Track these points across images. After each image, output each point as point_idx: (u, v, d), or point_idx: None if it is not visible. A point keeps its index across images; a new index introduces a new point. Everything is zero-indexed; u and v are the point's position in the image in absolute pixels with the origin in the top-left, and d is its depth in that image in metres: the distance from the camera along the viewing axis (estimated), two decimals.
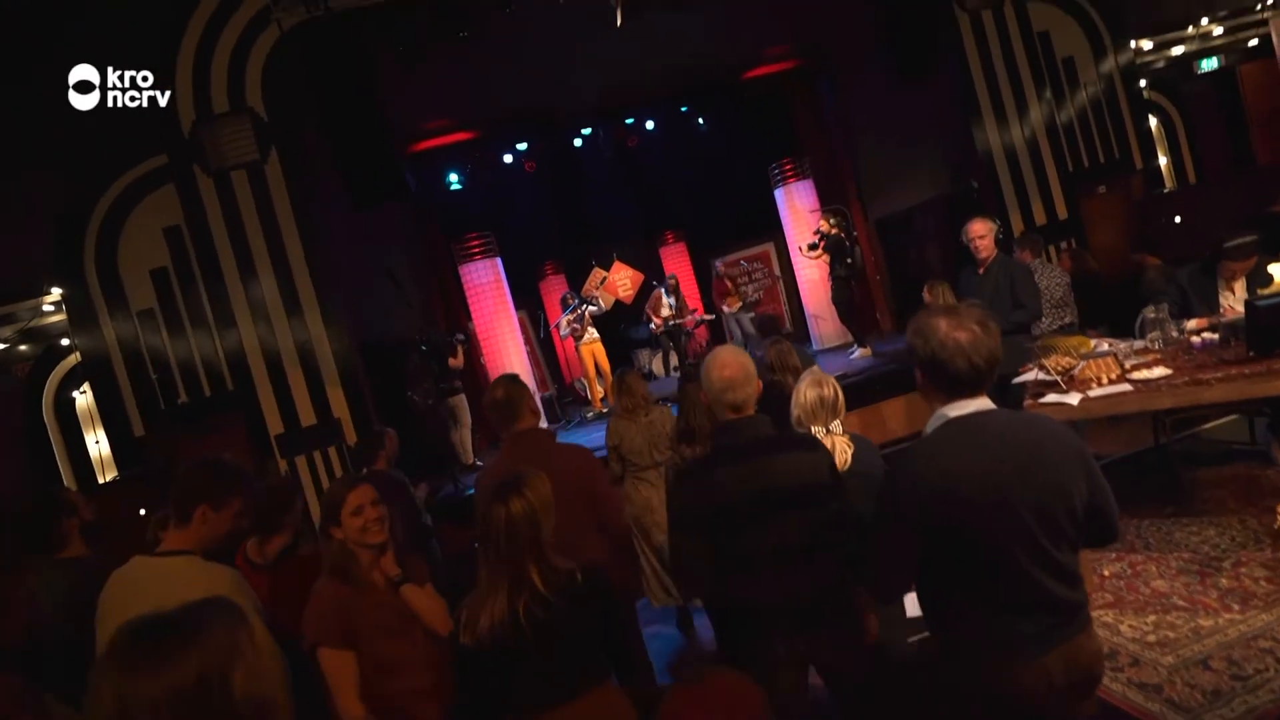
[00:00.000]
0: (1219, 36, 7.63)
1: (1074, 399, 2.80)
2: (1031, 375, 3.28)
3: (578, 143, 10.01)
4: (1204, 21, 7.49)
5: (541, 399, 8.56)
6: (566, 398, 9.48)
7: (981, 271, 4.21)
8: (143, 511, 5.50)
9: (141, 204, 5.92)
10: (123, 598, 1.84)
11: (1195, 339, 3.06)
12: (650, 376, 9.59)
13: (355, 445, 3.86)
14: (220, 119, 5.94)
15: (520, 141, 9.28)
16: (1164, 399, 2.71)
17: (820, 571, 1.71)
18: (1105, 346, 3.33)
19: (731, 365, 1.85)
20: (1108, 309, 5.45)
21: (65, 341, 6.04)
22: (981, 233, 4.21)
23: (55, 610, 2.30)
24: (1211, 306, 3.46)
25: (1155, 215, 6.91)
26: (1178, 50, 7.54)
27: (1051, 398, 2.84)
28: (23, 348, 6.09)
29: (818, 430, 2.22)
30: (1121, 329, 5.09)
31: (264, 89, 5.99)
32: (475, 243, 8.05)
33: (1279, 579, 2.66)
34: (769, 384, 2.92)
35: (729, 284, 8.41)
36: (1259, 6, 7.85)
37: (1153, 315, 3.27)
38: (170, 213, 5.94)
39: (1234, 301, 3.41)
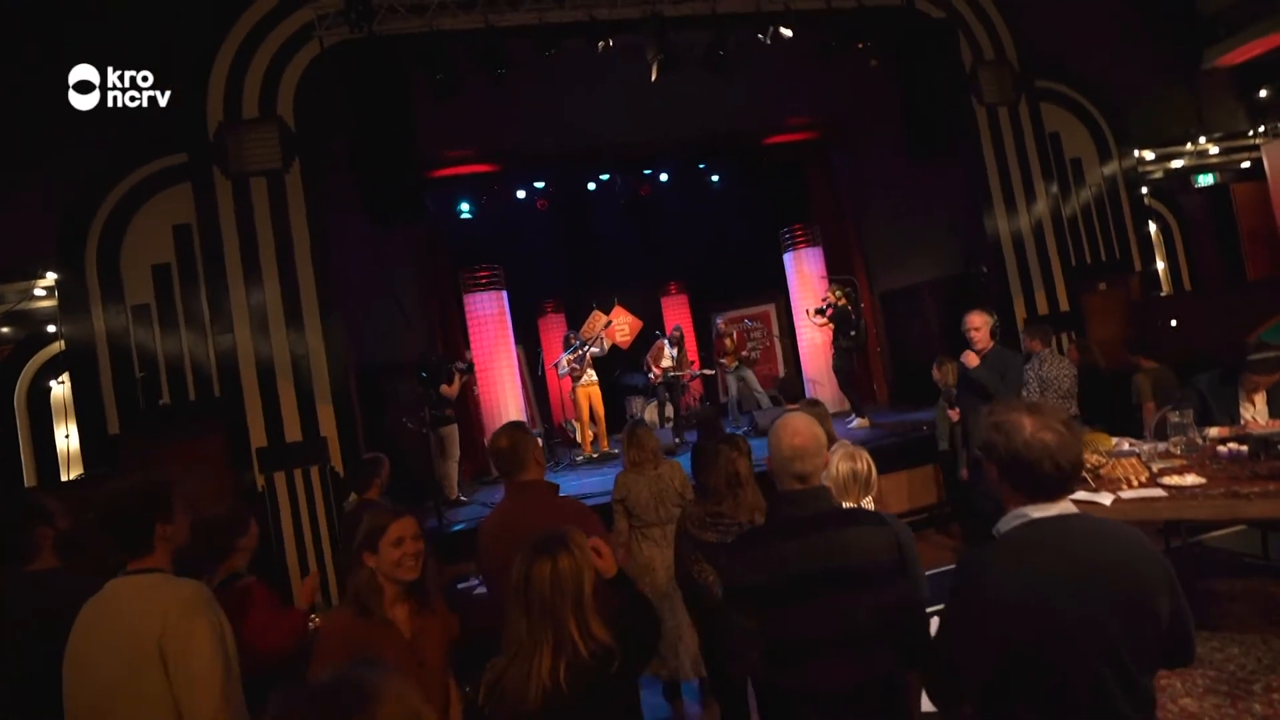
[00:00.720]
0: (1215, 155, 8.03)
1: (1106, 499, 2.77)
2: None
3: (591, 186, 10.16)
4: (1201, 140, 7.90)
5: None
6: (555, 438, 9.30)
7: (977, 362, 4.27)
8: None
9: (154, 198, 5.81)
10: (92, 620, 1.71)
11: (1221, 449, 3.06)
12: (638, 421, 9.47)
13: (351, 469, 3.70)
14: (247, 124, 5.92)
15: (538, 180, 9.38)
16: (1201, 509, 2.69)
17: (879, 658, 1.61)
18: (1127, 446, 3.33)
19: (804, 434, 1.77)
20: (1108, 405, 5.52)
21: (51, 328, 5.81)
22: (978, 324, 4.32)
23: (19, 629, 2.10)
24: (1232, 416, 3.49)
25: (1151, 317, 7.10)
26: (1177, 164, 7.91)
27: (1082, 495, 2.80)
28: (4, 329, 5.83)
29: (849, 506, 2.15)
30: (1118, 426, 5.16)
31: (296, 100, 6.00)
32: (483, 273, 8.01)
33: None
34: (706, 444, 2.87)
35: (728, 342, 8.42)
36: (1250, 133, 8.32)
37: (1176, 419, 3.28)
38: (182, 211, 5.83)
39: (1255, 414, 3.45)
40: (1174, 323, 6.97)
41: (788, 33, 6.37)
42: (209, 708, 1.60)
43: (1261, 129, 8.13)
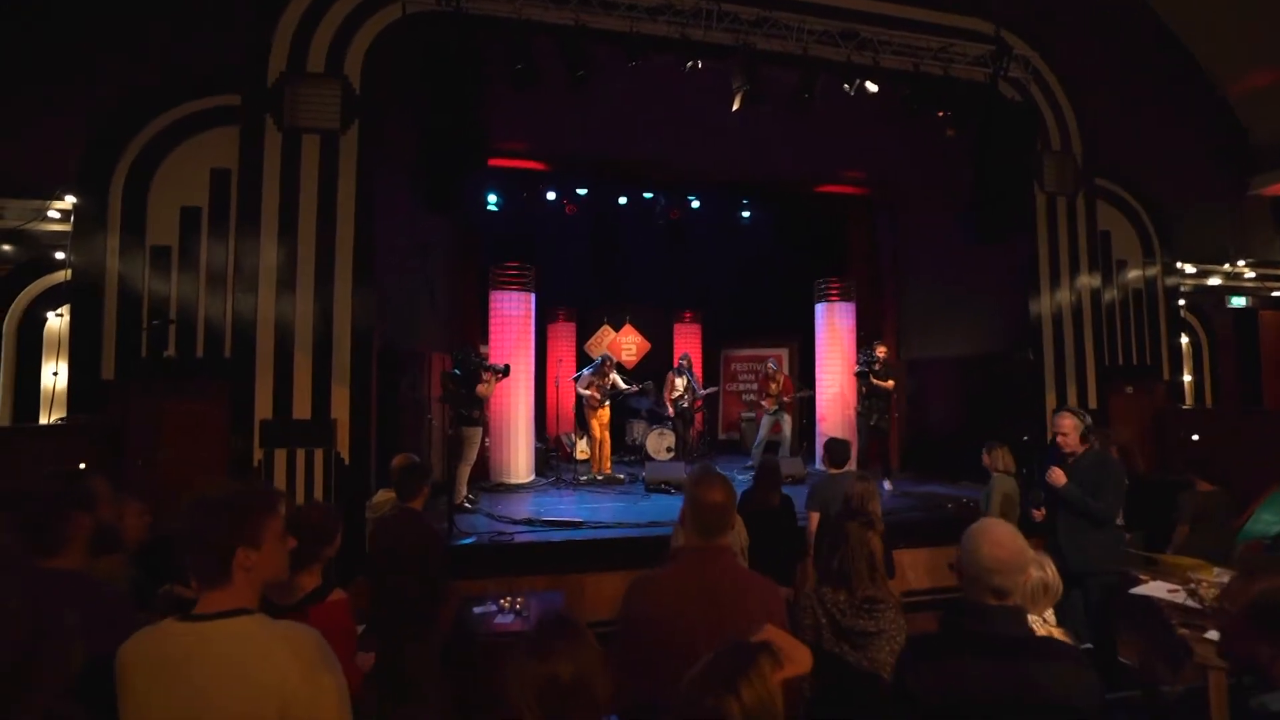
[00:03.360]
0: (1249, 279, 8.21)
1: None
2: (1153, 590, 3.12)
3: (622, 200, 9.98)
4: (1240, 263, 8.07)
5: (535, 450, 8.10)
6: (551, 450, 8.99)
7: (1070, 462, 4.05)
8: (82, 466, 4.78)
9: (196, 136, 5.44)
10: (166, 682, 1.31)
11: None
12: (639, 447, 9.24)
13: (400, 471, 3.37)
14: (310, 78, 5.60)
15: (579, 186, 9.16)
16: None
17: None
18: (1224, 576, 3.21)
19: (1007, 546, 1.60)
20: (1140, 512, 5.46)
21: (59, 255, 5.35)
22: (1067, 429, 3.97)
23: None
24: None
25: (1173, 427, 7.14)
26: (1214, 281, 8.05)
27: (1214, 634, 2.64)
28: (5, 248, 5.35)
29: (1034, 621, 1.95)
30: (1156, 537, 5.10)
31: (365, 63, 5.70)
32: (513, 272, 7.72)
33: None
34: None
35: (773, 385, 8.26)
36: None
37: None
38: (224, 155, 5.46)
39: None
40: (1195, 437, 7.02)
41: (873, 87, 6.32)
42: None
43: None
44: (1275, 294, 8.31)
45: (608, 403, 8.04)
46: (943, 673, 1.53)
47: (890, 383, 7.24)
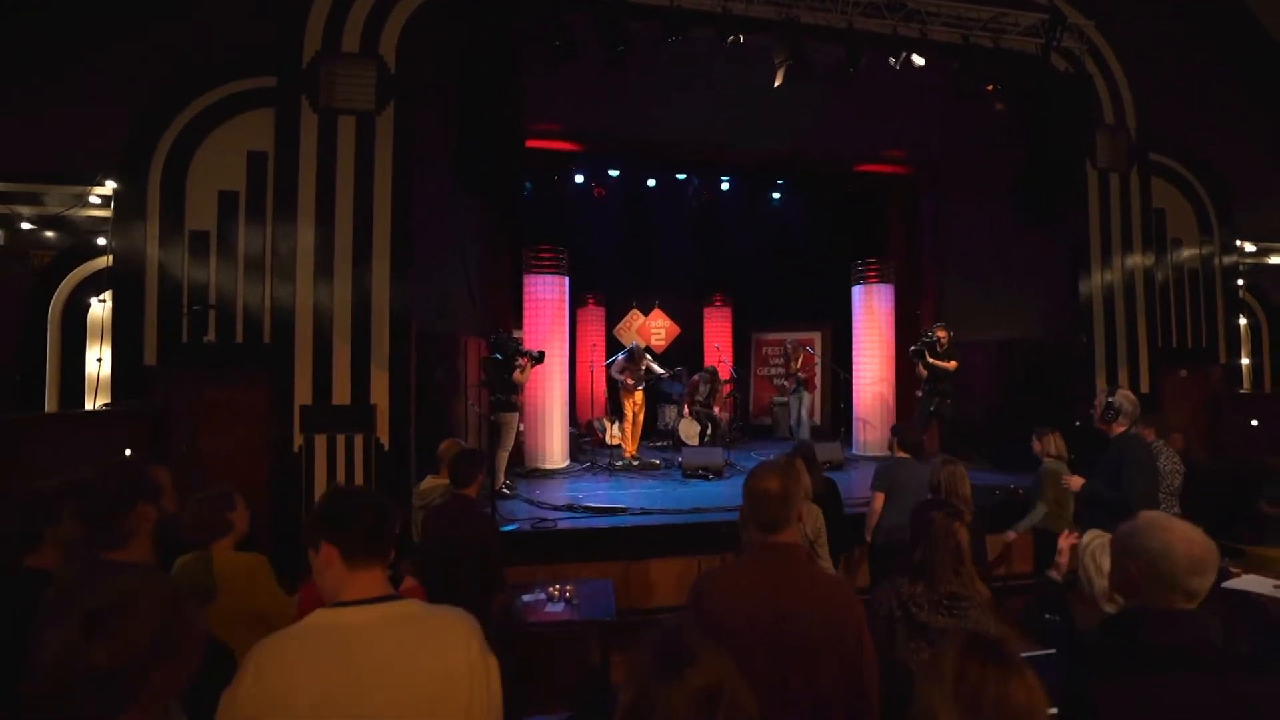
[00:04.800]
0: None
1: None
2: (1248, 584, 2.96)
3: (651, 182, 9.81)
4: None
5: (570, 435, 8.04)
6: (584, 436, 8.93)
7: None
8: (128, 453, 4.79)
9: (234, 119, 5.38)
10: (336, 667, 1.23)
11: None
12: (672, 432, 9.18)
13: (456, 458, 3.30)
14: (345, 58, 5.50)
15: (612, 167, 9.01)
16: None
17: None
18: None
19: (1200, 542, 1.43)
20: (1202, 506, 5.23)
21: (101, 241, 5.33)
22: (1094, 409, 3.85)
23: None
24: None
25: (1230, 412, 6.89)
26: (1276, 260, 7.71)
27: None
28: (48, 234, 5.36)
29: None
30: (1222, 530, 4.88)
31: (400, 42, 5.59)
32: (546, 255, 7.61)
33: None
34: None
35: (794, 364, 8.14)
36: None
37: None
38: (261, 137, 5.40)
39: None
40: (1254, 422, 6.76)
41: (920, 60, 6.07)
42: None
43: None
44: None
45: (642, 386, 7.96)
46: (1143, 692, 1.34)
47: (953, 364, 6.89)
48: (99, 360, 5.30)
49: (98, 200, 5.35)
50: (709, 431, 8.65)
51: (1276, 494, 4.54)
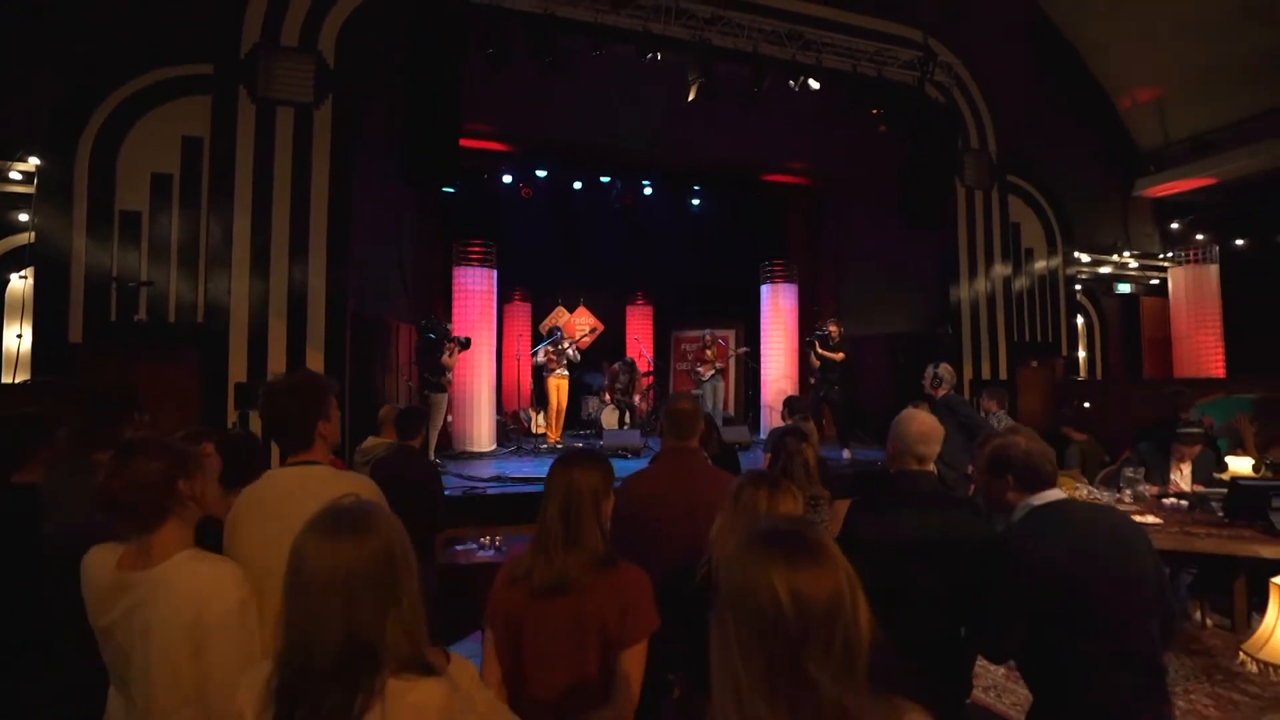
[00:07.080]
0: (1133, 269, 9.34)
1: None
2: None
3: (577, 185, 10.34)
4: (1126, 254, 9.18)
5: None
6: (509, 424, 9.30)
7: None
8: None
9: (169, 103, 5.51)
10: (273, 502, 1.72)
11: (1166, 501, 3.72)
12: (592, 420, 9.74)
13: (402, 413, 3.69)
14: (284, 52, 5.73)
15: (539, 169, 9.47)
16: (1162, 540, 3.27)
17: (952, 621, 1.93)
18: (1085, 491, 3.94)
19: (927, 423, 2.12)
20: None
21: (23, 217, 5.31)
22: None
23: None
24: (1163, 477, 4.22)
25: (1070, 396, 8.12)
26: (1104, 270, 9.13)
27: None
28: None
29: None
30: None
31: (340, 38, 5.88)
32: (476, 248, 7.98)
33: (1223, 707, 3.21)
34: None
35: (709, 352, 8.86)
36: (1160, 256, 9.74)
37: (1130, 474, 3.95)
38: (197, 123, 5.55)
39: (1180, 478, 4.18)
40: (1086, 404, 8.01)
41: (815, 84, 6.93)
42: None
43: (1170, 254, 9.55)
44: (1154, 282, 9.50)
45: (567, 375, 8.44)
46: (884, 521, 2.01)
47: (840, 355, 7.77)
48: (19, 336, 5.27)
49: (19, 176, 5.33)
50: (628, 420, 9.24)
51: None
